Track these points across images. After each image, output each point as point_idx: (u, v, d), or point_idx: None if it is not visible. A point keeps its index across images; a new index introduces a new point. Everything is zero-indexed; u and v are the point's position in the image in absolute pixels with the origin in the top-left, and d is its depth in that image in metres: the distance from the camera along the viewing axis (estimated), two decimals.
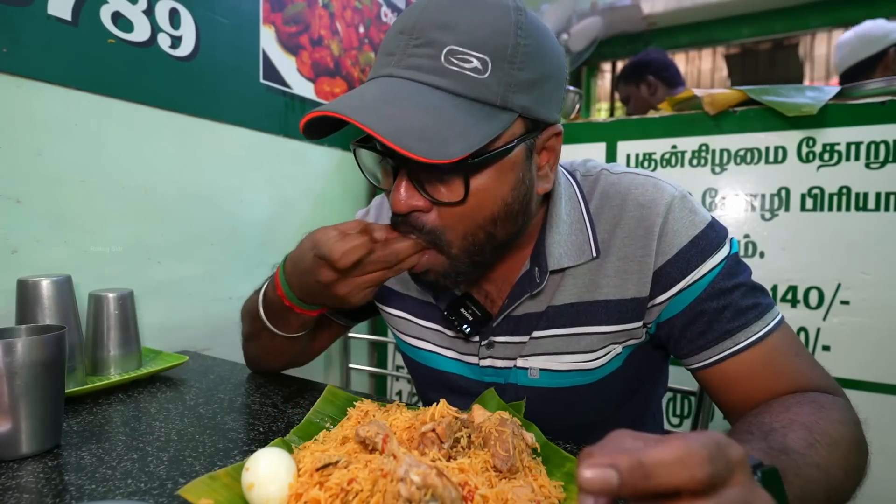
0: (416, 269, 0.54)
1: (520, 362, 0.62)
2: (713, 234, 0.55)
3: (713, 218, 0.57)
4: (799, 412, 0.46)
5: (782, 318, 0.55)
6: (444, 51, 0.46)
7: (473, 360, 0.65)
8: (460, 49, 0.46)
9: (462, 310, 0.62)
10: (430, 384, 0.72)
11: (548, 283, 0.59)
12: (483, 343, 0.63)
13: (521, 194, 0.52)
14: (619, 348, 0.60)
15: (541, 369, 0.61)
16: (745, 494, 0.24)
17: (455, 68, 0.46)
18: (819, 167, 1.03)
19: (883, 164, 0.97)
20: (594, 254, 0.57)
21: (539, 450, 0.50)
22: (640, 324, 0.58)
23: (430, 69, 0.46)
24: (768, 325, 0.53)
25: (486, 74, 0.46)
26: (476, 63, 0.46)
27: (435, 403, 0.51)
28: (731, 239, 0.57)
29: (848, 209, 1.00)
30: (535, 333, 0.60)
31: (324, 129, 0.50)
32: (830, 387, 0.53)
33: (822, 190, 1.02)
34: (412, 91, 0.46)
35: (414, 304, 0.70)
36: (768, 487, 0.28)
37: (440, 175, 0.49)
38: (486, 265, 0.56)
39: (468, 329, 0.62)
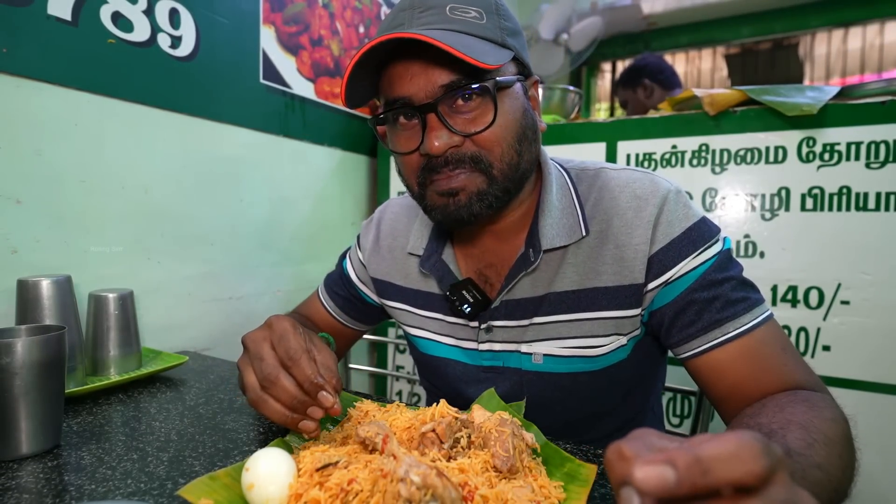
0: (455, 186, 0.57)
1: (524, 347, 0.64)
2: (705, 228, 0.59)
3: (706, 216, 0.61)
4: (794, 412, 0.46)
5: (771, 314, 0.57)
6: (447, 7, 0.55)
7: (472, 345, 0.68)
8: (459, 5, 0.55)
9: (463, 292, 0.65)
10: (432, 371, 0.75)
11: (543, 265, 0.62)
12: (482, 327, 0.66)
13: (530, 122, 0.60)
14: (624, 339, 0.62)
15: (544, 354, 0.64)
16: (790, 493, 0.23)
17: (460, 17, 0.54)
18: (819, 167, 1.03)
19: (883, 164, 0.97)
20: (583, 232, 0.61)
21: (539, 450, 0.50)
22: (638, 310, 0.60)
23: (441, 20, 0.54)
24: (757, 318, 0.55)
25: (484, 21, 0.55)
26: (474, 13, 0.55)
27: (435, 403, 0.51)
28: (725, 237, 0.60)
29: (848, 209, 1.00)
30: (537, 319, 0.63)
31: (356, 93, 0.58)
32: (815, 384, 0.54)
33: (822, 190, 1.02)
34: (434, 33, 0.52)
35: (414, 296, 0.73)
36: None
37: (470, 109, 0.55)
38: (512, 196, 0.60)
39: (468, 309, 0.64)
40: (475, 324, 0.66)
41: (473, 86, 0.54)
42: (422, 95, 0.54)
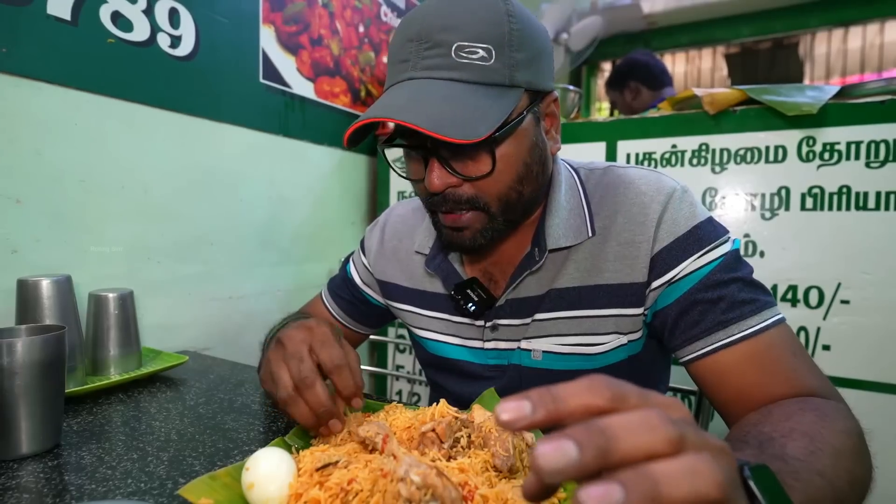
0: (458, 224, 0.57)
1: (524, 344, 0.64)
2: (711, 229, 0.57)
3: (712, 216, 0.59)
4: (801, 421, 0.44)
5: (783, 318, 0.54)
6: (453, 48, 0.52)
7: (478, 343, 0.68)
8: (466, 44, 0.52)
9: (468, 291, 0.65)
10: (438, 371, 0.75)
11: (548, 264, 0.62)
12: (487, 325, 0.66)
13: (538, 155, 0.59)
14: (623, 339, 0.61)
15: (544, 351, 0.64)
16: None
17: (465, 61, 0.52)
18: (819, 166, 1.02)
19: (883, 164, 0.97)
20: (590, 233, 0.61)
21: None
22: (641, 310, 0.59)
23: (445, 66, 0.52)
24: (766, 321, 0.53)
25: (492, 61, 0.52)
26: (482, 53, 0.52)
27: (435, 403, 0.51)
28: (735, 238, 0.59)
29: (848, 209, 1.00)
30: (538, 316, 0.63)
31: (357, 137, 0.56)
32: (829, 391, 0.51)
33: (822, 189, 1.02)
34: (434, 87, 0.51)
35: (420, 297, 0.73)
36: (763, 488, 0.28)
37: (469, 153, 0.54)
38: (516, 223, 0.62)
39: (473, 308, 0.64)
40: (481, 322, 0.67)
41: (467, 145, 0.52)
42: (422, 137, 0.53)
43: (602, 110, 3.20)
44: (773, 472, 0.30)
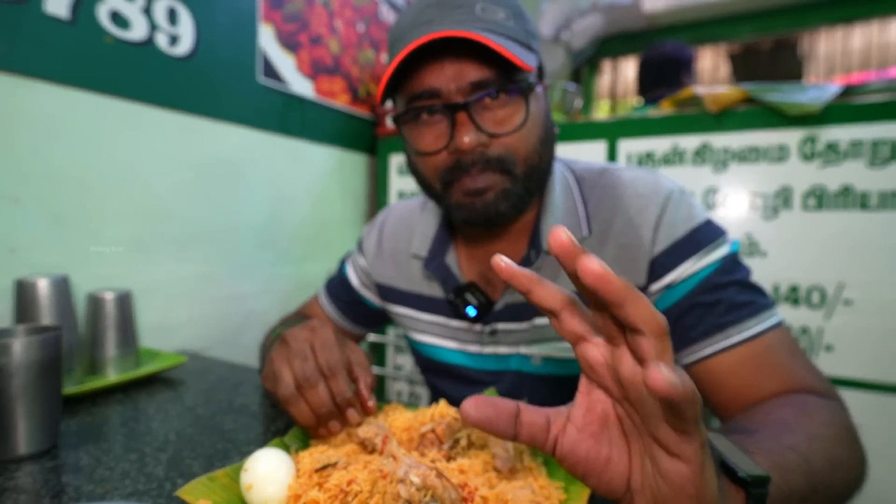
0: (482, 186, 0.56)
1: (523, 349, 0.64)
2: (709, 231, 0.57)
3: (711, 218, 0.59)
4: (779, 413, 0.45)
5: (781, 320, 0.54)
6: (477, 6, 0.54)
7: (476, 348, 0.67)
8: (489, 5, 0.54)
9: (467, 295, 0.64)
10: (436, 376, 0.75)
11: (545, 266, 0.61)
12: (486, 330, 0.65)
13: (550, 125, 0.60)
14: None
15: (543, 357, 0.63)
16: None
17: (490, 17, 0.54)
18: (821, 166, 1.02)
19: (886, 163, 0.97)
20: (585, 232, 0.60)
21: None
22: None
23: (472, 19, 0.53)
24: (764, 323, 0.53)
25: (512, 23, 0.55)
26: (503, 14, 0.54)
27: (435, 404, 0.51)
28: (733, 241, 0.58)
29: (850, 208, 1.00)
30: (537, 321, 0.62)
31: (390, 90, 0.57)
32: (824, 389, 0.51)
33: (824, 189, 1.02)
34: (469, 31, 0.51)
35: (417, 300, 0.72)
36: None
37: (500, 107, 0.55)
38: (532, 197, 0.61)
39: (474, 313, 0.63)
40: (479, 327, 0.66)
41: (509, 84, 0.53)
42: (452, 89, 0.53)
43: (603, 109, 3.19)
44: (724, 437, 0.31)
